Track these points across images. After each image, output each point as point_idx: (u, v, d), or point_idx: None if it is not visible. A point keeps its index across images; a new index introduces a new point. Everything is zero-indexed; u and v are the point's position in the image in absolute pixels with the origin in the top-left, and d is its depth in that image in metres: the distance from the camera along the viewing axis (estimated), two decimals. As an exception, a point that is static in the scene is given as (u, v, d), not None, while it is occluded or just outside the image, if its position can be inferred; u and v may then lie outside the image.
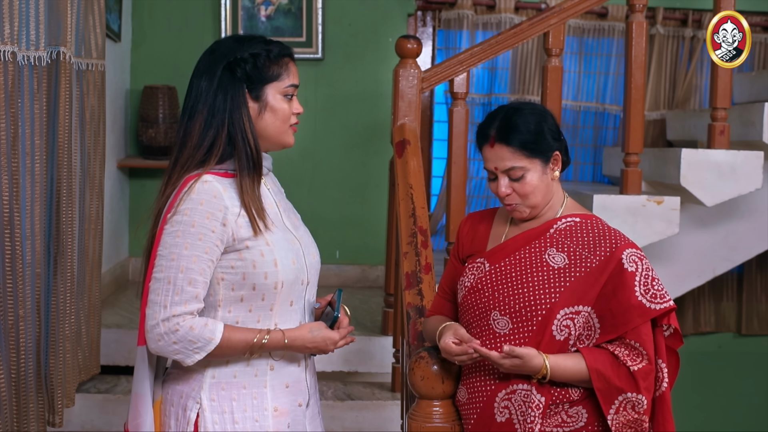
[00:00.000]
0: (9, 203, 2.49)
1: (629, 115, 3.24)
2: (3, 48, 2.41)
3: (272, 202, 1.86)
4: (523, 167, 1.82)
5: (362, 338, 3.43)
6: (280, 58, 1.81)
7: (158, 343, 1.70)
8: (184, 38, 4.35)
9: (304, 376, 1.87)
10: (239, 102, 1.77)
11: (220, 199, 1.73)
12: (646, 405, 1.75)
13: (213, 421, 1.75)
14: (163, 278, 1.70)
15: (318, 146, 4.46)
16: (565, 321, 1.78)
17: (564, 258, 1.82)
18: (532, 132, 1.82)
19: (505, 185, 1.84)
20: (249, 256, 1.74)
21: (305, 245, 1.87)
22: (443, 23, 4.53)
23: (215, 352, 1.72)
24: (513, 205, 1.86)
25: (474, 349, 1.75)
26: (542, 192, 1.85)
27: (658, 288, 1.77)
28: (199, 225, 1.70)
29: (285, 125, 1.83)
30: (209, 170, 1.76)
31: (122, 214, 4.29)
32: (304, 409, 1.86)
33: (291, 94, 1.83)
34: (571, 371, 1.75)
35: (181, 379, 1.80)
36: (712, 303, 4.93)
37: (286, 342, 1.77)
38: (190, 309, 1.70)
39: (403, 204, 2.62)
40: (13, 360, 2.58)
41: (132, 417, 1.80)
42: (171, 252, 1.70)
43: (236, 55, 1.78)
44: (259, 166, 1.79)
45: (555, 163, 1.87)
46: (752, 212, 3.72)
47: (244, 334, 1.74)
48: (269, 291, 1.77)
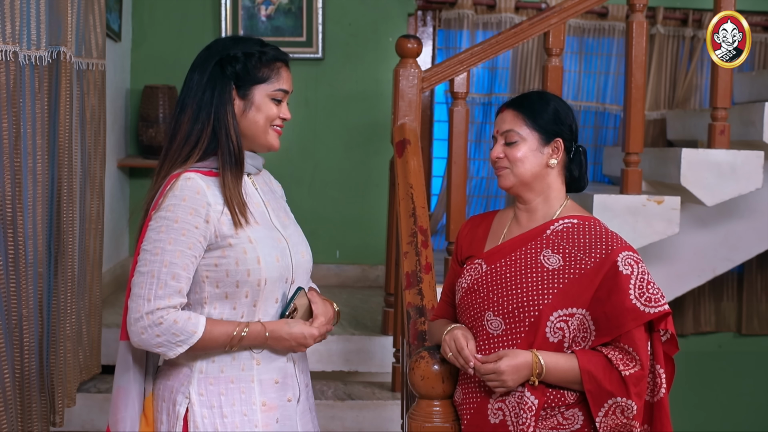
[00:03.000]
0: (12, 203, 2.50)
1: (629, 115, 3.24)
2: (4, 48, 2.41)
3: (259, 200, 1.88)
4: (520, 135, 1.86)
5: (362, 338, 3.43)
6: (273, 62, 1.83)
7: (141, 336, 1.71)
8: (184, 38, 4.35)
9: (293, 372, 1.88)
10: (225, 98, 1.80)
11: (203, 195, 1.75)
12: (636, 410, 1.73)
13: (202, 415, 1.77)
14: (147, 272, 1.72)
15: (318, 146, 4.47)
16: (558, 323, 1.78)
17: (559, 259, 1.82)
18: (541, 105, 1.88)
19: (499, 148, 1.89)
20: (232, 254, 1.76)
21: (293, 244, 1.89)
22: (443, 23, 4.54)
23: (197, 346, 1.74)
24: (500, 169, 1.90)
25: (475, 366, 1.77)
26: (531, 167, 1.87)
27: (653, 292, 1.75)
28: (183, 221, 1.73)
29: (267, 126, 1.84)
30: (192, 168, 1.79)
31: (122, 214, 4.30)
32: (295, 405, 1.88)
33: (279, 98, 1.84)
34: (564, 370, 1.75)
35: (171, 374, 1.82)
36: (712, 303, 4.93)
37: (267, 334, 1.79)
38: (174, 303, 1.72)
39: (403, 203, 2.62)
40: (17, 359, 2.58)
41: (111, 413, 1.83)
42: (155, 247, 1.73)
43: (229, 53, 1.81)
44: (240, 163, 1.82)
45: (554, 150, 1.88)
46: (752, 212, 3.72)
47: (224, 327, 1.76)
48: (252, 288, 1.78)
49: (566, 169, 1.92)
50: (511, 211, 1.97)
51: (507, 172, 1.88)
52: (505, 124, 1.88)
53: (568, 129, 1.89)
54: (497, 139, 1.91)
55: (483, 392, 1.83)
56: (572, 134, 1.90)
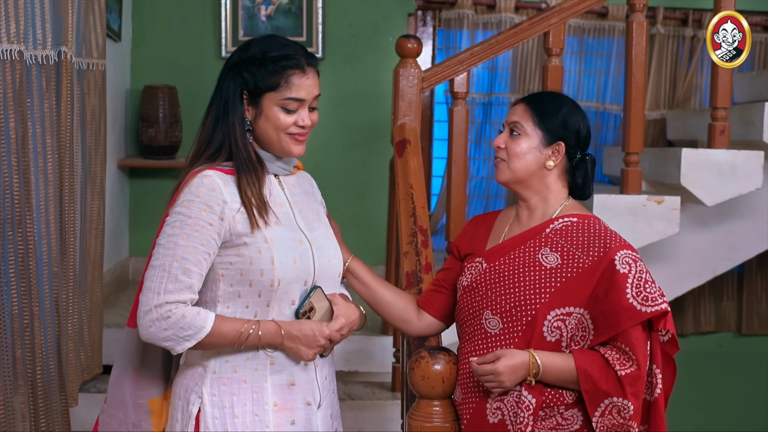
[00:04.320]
0: (21, 203, 2.49)
1: (629, 115, 3.24)
2: (10, 47, 2.41)
3: (284, 201, 1.87)
4: (524, 129, 1.88)
5: (362, 338, 3.44)
6: (282, 70, 1.79)
7: (149, 330, 1.72)
8: (184, 38, 4.35)
9: (313, 376, 1.86)
10: (236, 106, 1.81)
11: (218, 193, 1.75)
12: (632, 411, 1.73)
13: (213, 416, 1.77)
14: (159, 266, 1.73)
15: (318, 146, 4.46)
16: (556, 322, 1.78)
17: (557, 258, 1.82)
18: (552, 107, 1.89)
19: (502, 138, 1.92)
20: (246, 253, 1.76)
21: (318, 247, 1.86)
22: (443, 23, 4.54)
23: (206, 342, 1.73)
24: (498, 161, 1.92)
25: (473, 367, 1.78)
26: (526, 164, 1.88)
27: (650, 291, 1.75)
28: (196, 217, 1.73)
29: (278, 134, 1.82)
30: (216, 166, 1.79)
31: (122, 214, 4.29)
32: (315, 409, 1.85)
33: (290, 107, 1.80)
34: (561, 370, 1.75)
35: (187, 373, 1.83)
36: (712, 303, 4.93)
37: (283, 333, 1.77)
38: (183, 298, 1.72)
39: (403, 203, 2.62)
40: (29, 359, 2.58)
41: None
42: (168, 241, 1.74)
43: (244, 57, 1.81)
44: (255, 168, 1.81)
45: (555, 153, 1.88)
46: (752, 212, 3.72)
47: (234, 324, 1.75)
48: (265, 288, 1.77)
49: (569, 174, 1.92)
50: (514, 211, 1.98)
51: (504, 166, 1.91)
52: (515, 115, 1.91)
53: (575, 135, 1.89)
54: (504, 129, 1.94)
55: (481, 392, 1.83)
56: (578, 141, 1.90)
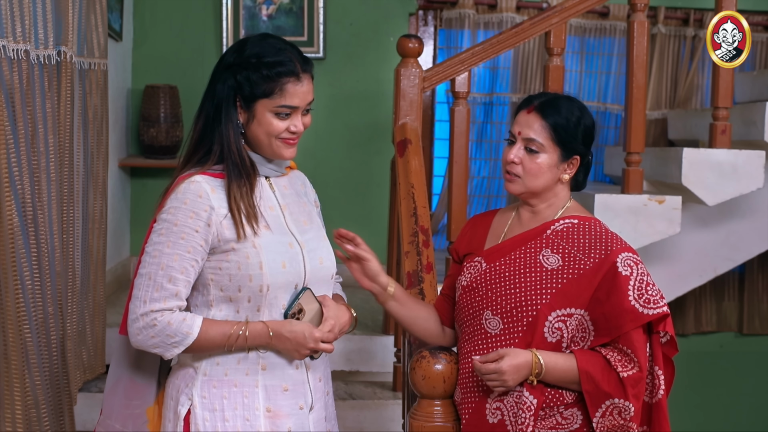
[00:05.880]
0: (32, 201, 2.49)
1: (631, 115, 3.24)
2: (16, 47, 2.40)
3: (275, 204, 1.85)
4: (543, 146, 1.83)
5: (364, 337, 3.44)
6: (277, 78, 1.77)
7: (137, 337, 1.73)
8: (185, 37, 4.35)
9: (305, 379, 1.84)
10: (228, 110, 1.78)
11: (206, 199, 1.74)
12: (633, 412, 1.73)
13: (203, 418, 1.77)
14: (145, 274, 1.73)
15: (319, 145, 4.47)
16: (556, 323, 1.78)
17: (558, 259, 1.81)
18: (571, 121, 1.83)
19: (518, 153, 1.85)
20: (235, 258, 1.75)
21: (309, 250, 1.85)
22: (444, 22, 4.54)
23: (195, 346, 1.74)
24: (512, 176, 1.86)
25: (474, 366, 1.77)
26: (544, 181, 1.85)
27: (652, 293, 1.75)
28: (182, 224, 1.73)
29: (270, 139, 1.80)
30: (205, 170, 1.78)
31: (124, 214, 4.30)
32: (307, 413, 1.84)
33: (284, 113, 1.79)
34: (563, 370, 1.75)
35: (179, 373, 1.83)
36: (713, 302, 4.93)
37: (271, 333, 1.75)
38: (169, 306, 1.72)
39: (404, 203, 2.62)
40: (45, 357, 2.59)
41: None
42: (154, 249, 1.74)
43: (238, 61, 1.78)
44: (247, 172, 1.79)
45: (570, 166, 1.87)
46: (754, 212, 3.72)
47: (222, 327, 1.75)
48: (255, 293, 1.76)
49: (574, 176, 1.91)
50: (513, 210, 1.97)
51: (519, 182, 1.86)
52: (531, 131, 1.83)
53: (587, 143, 1.88)
54: (517, 141, 1.86)
55: (481, 392, 1.83)
56: (589, 147, 1.89)
